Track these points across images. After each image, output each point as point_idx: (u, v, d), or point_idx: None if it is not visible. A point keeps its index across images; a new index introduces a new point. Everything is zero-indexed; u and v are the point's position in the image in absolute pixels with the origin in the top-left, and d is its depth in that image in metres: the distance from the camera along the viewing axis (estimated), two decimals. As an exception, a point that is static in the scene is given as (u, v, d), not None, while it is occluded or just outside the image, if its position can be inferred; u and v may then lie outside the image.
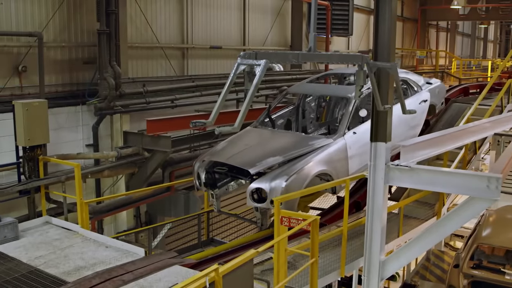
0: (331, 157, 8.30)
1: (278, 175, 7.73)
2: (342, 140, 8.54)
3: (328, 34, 19.65)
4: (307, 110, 10.54)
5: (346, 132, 8.63)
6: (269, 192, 7.58)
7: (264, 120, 9.73)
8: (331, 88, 10.37)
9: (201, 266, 7.62)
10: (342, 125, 8.70)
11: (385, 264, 6.78)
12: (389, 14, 6.36)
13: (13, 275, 6.70)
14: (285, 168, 7.88)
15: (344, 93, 9.45)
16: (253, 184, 7.76)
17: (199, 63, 15.49)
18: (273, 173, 7.84)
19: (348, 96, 9.08)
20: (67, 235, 8.15)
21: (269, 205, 7.60)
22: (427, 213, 9.46)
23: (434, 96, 10.96)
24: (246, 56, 5.12)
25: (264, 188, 7.63)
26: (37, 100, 9.61)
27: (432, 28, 34.88)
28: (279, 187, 7.55)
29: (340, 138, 8.54)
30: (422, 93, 10.54)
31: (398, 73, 6.53)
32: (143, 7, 13.29)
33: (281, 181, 7.60)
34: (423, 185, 6.55)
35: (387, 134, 6.54)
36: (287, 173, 7.73)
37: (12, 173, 9.79)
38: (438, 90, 11.38)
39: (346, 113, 8.82)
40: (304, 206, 9.01)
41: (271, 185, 7.61)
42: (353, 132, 8.74)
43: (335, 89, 10.16)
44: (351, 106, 8.84)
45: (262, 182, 7.70)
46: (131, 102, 12.19)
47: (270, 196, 7.54)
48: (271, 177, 7.74)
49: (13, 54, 10.46)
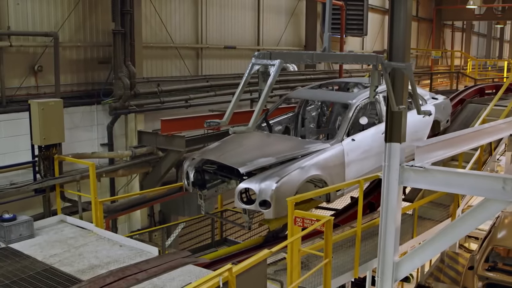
0: (327, 162, 7.94)
1: (269, 176, 7.35)
2: (340, 146, 8.21)
3: (343, 34, 19.58)
4: (307, 118, 10.25)
5: (344, 138, 8.32)
6: (259, 193, 7.20)
7: (261, 124, 9.41)
8: (332, 94, 9.98)
9: (214, 265, 7.64)
10: (341, 131, 8.41)
11: (399, 266, 6.76)
12: (404, 14, 6.33)
13: (28, 273, 6.77)
14: (277, 169, 7.52)
15: (344, 99, 9.10)
16: (242, 184, 7.40)
17: (213, 63, 15.52)
18: (264, 173, 7.47)
19: (348, 102, 8.77)
20: (81, 234, 8.22)
21: (258, 208, 7.25)
22: (441, 215, 9.39)
23: (439, 112, 10.58)
24: (260, 56, 5.13)
25: (254, 188, 7.25)
26: (52, 100, 9.69)
27: (447, 28, 34.60)
28: (269, 188, 7.16)
29: (337, 143, 8.21)
30: (427, 107, 10.12)
31: (412, 73, 6.49)
32: (158, 7, 13.34)
33: (272, 183, 7.21)
34: (438, 186, 6.51)
35: (402, 135, 6.50)
36: (279, 174, 7.36)
37: (27, 172, 9.88)
38: (443, 106, 10.98)
39: (346, 119, 8.53)
40: None
41: (261, 186, 7.21)
42: (352, 138, 8.45)
43: (336, 95, 9.81)
44: (351, 112, 8.55)
45: (252, 182, 7.32)
46: (145, 101, 12.25)
47: (260, 197, 7.20)
48: (261, 177, 7.35)
49: (29, 54, 10.55)
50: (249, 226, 7.91)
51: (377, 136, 8.59)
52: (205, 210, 8.58)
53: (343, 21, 19.31)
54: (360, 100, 8.74)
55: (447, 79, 28.15)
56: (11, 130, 9.96)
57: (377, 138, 8.57)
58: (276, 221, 8.20)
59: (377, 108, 9.18)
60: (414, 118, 9.21)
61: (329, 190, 7.77)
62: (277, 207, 7.19)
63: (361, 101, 8.76)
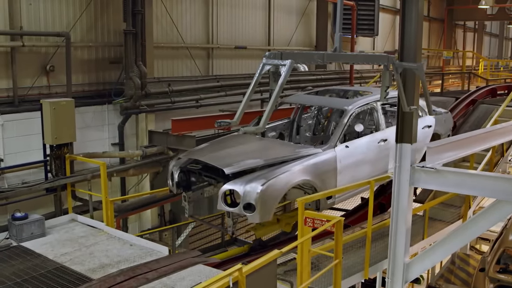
0: (317, 167, 7.58)
1: (256, 178, 6.98)
2: (332, 152, 7.85)
3: (354, 34, 19.53)
4: (302, 125, 9.93)
5: (337, 145, 7.96)
6: (243, 196, 6.81)
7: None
8: (328, 100, 9.59)
9: (224, 265, 7.64)
10: (334, 136, 8.07)
11: (410, 267, 6.73)
12: (415, 14, 6.30)
13: (39, 271, 6.82)
14: (264, 172, 7.16)
15: (340, 105, 8.80)
16: (227, 185, 6.98)
17: (224, 63, 15.54)
18: (250, 175, 7.10)
19: (344, 108, 8.48)
20: (92, 233, 8.27)
21: (242, 211, 6.87)
22: (452, 216, 9.35)
23: (440, 125, 10.12)
24: (271, 56, 5.13)
25: (238, 190, 6.86)
26: (64, 99, 9.75)
27: (459, 28, 34.40)
28: (255, 191, 6.77)
29: (330, 149, 7.86)
30: (427, 118, 9.64)
31: (424, 73, 6.45)
32: (169, 7, 13.38)
33: (257, 185, 6.83)
34: (449, 187, 6.48)
35: (413, 135, 6.47)
36: (266, 177, 6.98)
37: (39, 171, 9.95)
38: (444, 119, 10.51)
39: (340, 125, 8.21)
40: (285, 224, 8.36)
41: (246, 188, 6.82)
42: (345, 145, 8.12)
43: (332, 101, 9.45)
44: (346, 118, 8.23)
45: (237, 184, 6.93)
46: (156, 101, 12.29)
47: (244, 200, 6.81)
48: (247, 179, 6.97)
49: (41, 54, 10.62)
50: (233, 231, 7.53)
51: (373, 144, 8.44)
52: (189, 213, 8.16)
53: (354, 21, 19.26)
54: (356, 107, 8.47)
55: (459, 80, 27.99)
56: (23, 129, 10.04)
57: (373, 146, 8.43)
58: (264, 228, 8.11)
59: (375, 116, 8.91)
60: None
61: (339, 192, 7.68)
62: (262, 211, 6.82)
63: (357, 108, 8.49)
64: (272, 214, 7.08)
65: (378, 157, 8.49)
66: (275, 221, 8.26)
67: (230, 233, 7.70)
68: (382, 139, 8.55)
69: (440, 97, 16.24)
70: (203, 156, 7.69)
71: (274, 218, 8.30)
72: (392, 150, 8.46)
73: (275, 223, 8.26)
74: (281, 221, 8.29)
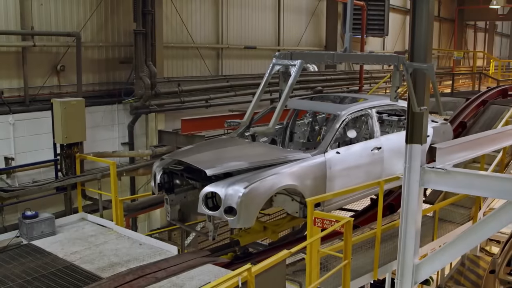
0: (305, 173, 7.22)
1: (239, 181, 6.65)
2: (322, 157, 7.49)
3: (363, 35, 19.49)
4: (296, 132, 9.58)
5: (328, 150, 7.60)
6: (224, 199, 6.47)
7: (244, 132, 8.57)
8: (322, 105, 9.22)
9: (233, 265, 7.63)
10: (325, 142, 7.72)
11: (419, 268, 6.69)
12: (426, 14, 6.27)
13: (49, 269, 6.86)
14: (248, 175, 6.81)
15: (333, 110, 8.44)
16: (208, 188, 6.66)
17: (234, 63, 15.56)
18: (233, 178, 6.78)
19: (337, 113, 8.12)
20: (102, 232, 8.30)
21: (222, 215, 6.53)
22: (462, 217, 9.28)
23: (438, 136, 9.64)
24: (281, 57, 5.13)
25: (219, 193, 6.52)
26: (74, 99, 9.80)
27: (469, 29, 34.23)
28: (236, 194, 6.44)
29: (319, 155, 7.49)
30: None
31: (434, 74, 6.42)
32: (179, 7, 13.41)
33: (240, 188, 6.49)
34: (460, 188, 6.44)
35: (423, 136, 6.44)
36: (249, 180, 6.65)
37: (49, 170, 10.01)
38: (443, 130, 10.06)
39: (332, 130, 7.87)
40: (272, 232, 8.11)
41: (228, 190, 6.49)
42: (336, 151, 7.77)
43: (325, 106, 9.11)
44: (338, 124, 7.89)
45: (218, 186, 6.60)
46: (166, 101, 12.33)
47: (225, 203, 6.47)
48: (229, 182, 6.65)
49: (52, 54, 10.69)
50: (214, 236, 7.14)
51: (366, 152, 8.16)
52: (171, 217, 7.83)
53: (364, 21, 19.22)
54: (349, 113, 8.15)
55: (469, 80, 27.85)
56: (34, 128, 10.11)
57: (366, 154, 8.15)
58: (248, 236, 7.85)
59: (369, 124, 8.59)
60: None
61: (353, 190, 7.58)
62: (244, 216, 6.48)
63: (350, 114, 8.17)
64: (255, 220, 6.75)
65: (371, 165, 8.20)
66: (261, 228, 8.04)
67: (210, 239, 7.26)
68: (376, 147, 8.26)
69: (451, 98, 16.16)
70: (186, 157, 7.39)
71: (260, 226, 8.13)
72: (386, 159, 8.35)
73: (261, 231, 8.03)
74: (267, 229, 8.04)
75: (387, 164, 8.38)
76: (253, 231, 7.91)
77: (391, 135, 8.94)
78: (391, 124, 9.80)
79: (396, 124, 9.71)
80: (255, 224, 7.96)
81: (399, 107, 9.10)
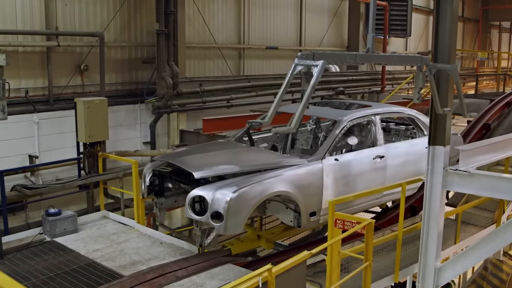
0: (299, 179, 6.89)
1: (227, 185, 6.39)
2: (319, 164, 7.16)
3: (386, 35, 19.36)
4: (298, 139, 9.34)
5: (326, 157, 7.29)
6: (211, 203, 6.23)
7: (243, 137, 8.43)
8: (324, 110, 8.88)
9: (253, 265, 7.63)
10: (323, 148, 7.39)
11: (441, 271, 6.62)
12: (450, 14, 6.20)
13: (71, 266, 6.94)
14: (238, 179, 6.55)
15: (334, 116, 8.10)
16: (195, 191, 6.41)
17: (255, 63, 15.57)
18: (222, 182, 6.54)
19: (338, 119, 7.81)
20: (123, 230, 8.37)
21: (209, 220, 6.28)
22: (486, 220, 9.16)
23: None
24: (303, 57, 5.11)
25: (206, 197, 6.28)
26: (97, 98, 9.90)
27: (494, 29, 33.78)
28: (224, 198, 6.19)
29: (316, 161, 7.17)
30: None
31: (458, 75, 6.34)
32: (201, 7, 13.46)
33: (228, 192, 6.24)
34: (483, 191, 6.35)
35: (446, 138, 6.37)
36: (238, 184, 6.38)
37: (72, 168, 10.12)
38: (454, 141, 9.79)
39: (331, 136, 7.57)
40: (266, 241, 7.93)
41: (215, 194, 6.24)
42: (335, 158, 7.47)
43: (327, 112, 8.76)
44: (338, 130, 7.57)
45: (206, 190, 6.36)
46: (188, 101, 12.39)
47: (212, 208, 6.23)
48: (218, 185, 6.41)
49: (76, 54, 10.81)
50: (201, 242, 6.96)
51: (367, 160, 7.85)
52: (159, 221, 7.67)
53: (387, 22, 19.10)
54: (350, 119, 7.86)
55: (494, 81, 27.48)
56: (58, 127, 10.23)
57: (367, 162, 7.85)
58: (241, 244, 7.60)
59: (372, 131, 8.27)
60: (414, 149, 8.56)
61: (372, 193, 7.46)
62: (230, 221, 6.21)
63: (351, 120, 7.88)
64: (242, 227, 6.44)
65: (372, 174, 7.90)
66: (255, 237, 7.85)
67: (197, 245, 7.06)
68: (379, 155, 7.96)
69: (474, 99, 15.99)
70: (175, 158, 7.16)
71: (254, 234, 7.97)
72: (389, 169, 8.05)
73: (255, 239, 7.82)
74: (261, 238, 7.83)
75: (389, 174, 8.07)
76: (246, 240, 7.71)
77: (396, 143, 8.71)
78: (398, 133, 9.52)
79: (403, 133, 9.43)
80: (248, 232, 7.90)
81: (406, 114, 8.90)
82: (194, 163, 6.83)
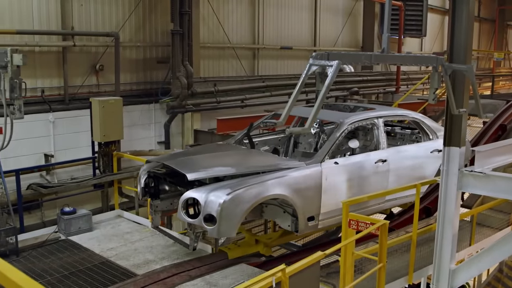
0: (297, 182, 6.67)
1: (221, 187, 6.23)
2: (318, 167, 6.93)
3: (401, 35, 19.25)
4: (301, 143, 9.17)
5: (325, 160, 7.07)
6: (204, 206, 6.08)
7: (243, 139, 8.29)
8: (325, 113, 8.63)
9: (267, 265, 7.63)
10: (322, 151, 7.19)
11: (455, 273, 6.57)
12: (466, 14, 6.15)
13: (86, 265, 7.00)
14: (233, 181, 6.38)
15: (335, 118, 7.89)
16: (188, 193, 6.28)
17: (270, 63, 15.57)
18: (216, 184, 6.39)
19: (339, 121, 7.61)
20: (137, 229, 8.42)
21: (202, 223, 6.13)
22: (501, 222, 9.07)
23: None
24: (318, 57, 5.08)
25: (199, 199, 6.14)
26: (112, 98, 9.97)
27: (510, 29, 33.44)
28: (217, 201, 6.04)
29: (315, 164, 6.95)
30: (437, 142, 8.56)
31: (474, 75, 6.28)
32: (216, 8, 13.49)
33: (222, 194, 6.08)
34: (499, 193, 6.28)
35: (462, 139, 6.32)
36: (232, 186, 6.22)
37: (87, 167, 10.20)
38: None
39: (331, 138, 7.35)
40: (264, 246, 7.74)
41: (209, 196, 6.09)
42: (334, 161, 7.23)
43: (329, 114, 8.53)
44: (339, 132, 7.38)
45: (199, 192, 6.22)
46: (202, 101, 12.43)
47: (205, 211, 6.08)
48: (212, 188, 6.26)
49: (91, 53, 10.89)
50: (194, 246, 6.88)
51: (368, 164, 7.63)
52: (154, 224, 7.47)
53: (402, 22, 18.99)
54: (351, 122, 7.66)
55: (510, 82, 27.21)
56: (73, 126, 10.32)
57: (368, 166, 7.62)
58: (238, 249, 7.42)
59: (375, 134, 8.06)
60: (419, 153, 8.44)
61: (385, 194, 7.46)
62: (223, 225, 6.05)
63: (352, 123, 7.68)
64: (236, 231, 6.27)
65: (373, 178, 7.70)
66: (253, 241, 7.73)
67: (190, 249, 6.94)
68: (381, 159, 7.74)
69: (490, 100, 15.82)
70: (170, 160, 7.02)
71: (252, 239, 7.81)
72: (392, 173, 7.89)
73: (253, 244, 7.68)
74: (260, 243, 7.71)
75: (392, 178, 7.91)
76: (243, 244, 7.60)
77: (399, 147, 8.52)
78: (403, 137, 9.39)
79: (409, 137, 9.29)
80: (246, 237, 7.77)
81: (411, 118, 8.75)
82: (189, 165, 6.69)
